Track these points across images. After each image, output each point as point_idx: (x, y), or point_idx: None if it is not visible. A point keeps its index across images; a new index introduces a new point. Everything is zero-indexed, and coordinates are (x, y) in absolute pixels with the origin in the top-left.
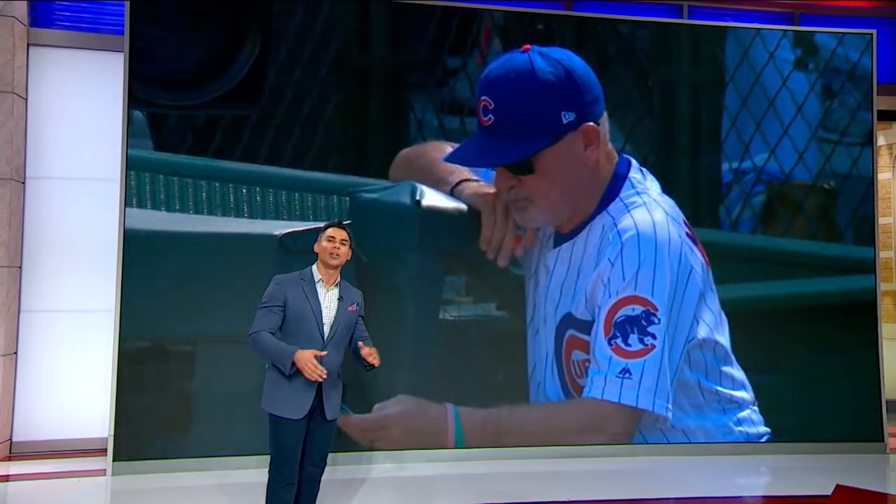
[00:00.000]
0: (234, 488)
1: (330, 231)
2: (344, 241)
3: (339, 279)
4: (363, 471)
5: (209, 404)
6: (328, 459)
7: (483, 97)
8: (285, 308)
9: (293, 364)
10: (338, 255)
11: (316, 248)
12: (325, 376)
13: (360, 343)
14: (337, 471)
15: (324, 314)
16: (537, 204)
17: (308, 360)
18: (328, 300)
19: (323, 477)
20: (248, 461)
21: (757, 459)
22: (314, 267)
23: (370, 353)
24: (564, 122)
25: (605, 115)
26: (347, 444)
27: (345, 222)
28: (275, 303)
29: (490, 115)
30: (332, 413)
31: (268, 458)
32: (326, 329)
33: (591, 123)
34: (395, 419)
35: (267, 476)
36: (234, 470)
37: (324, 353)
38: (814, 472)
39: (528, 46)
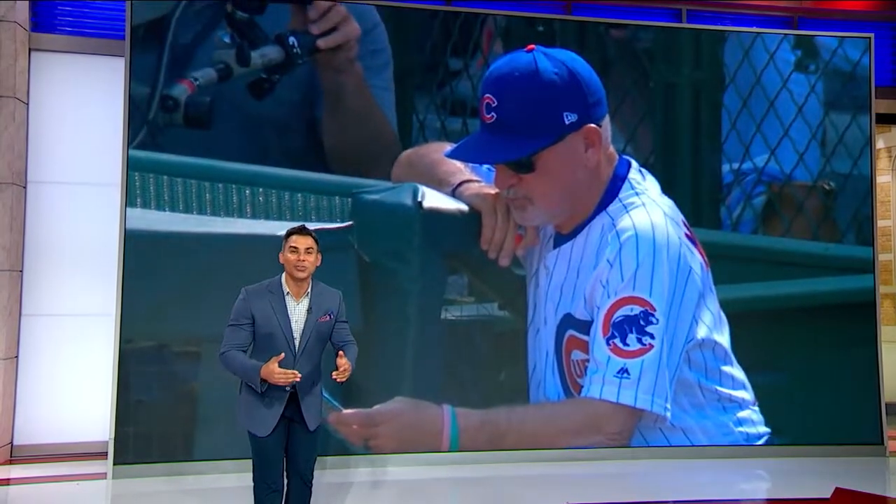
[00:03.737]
0: (234, 491)
1: (293, 240)
2: (310, 250)
3: (309, 288)
4: (355, 474)
5: (210, 408)
6: (316, 467)
7: (486, 94)
8: (254, 324)
9: (263, 380)
10: (304, 267)
11: (280, 258)
12: (298, 377)
13: (340, 351)
14: (329, 475)
15: (293, 327)
16: (536, 203)
17: (273, 372)
18: (297, 313)
19: (314, 482)
20: (249, 464)
21: (755, 462)
22: (283, 277)
23: (342, 366)
24: (566, 122)
25: (607, 117)
26: (339, 447)
27: (347, 223)
28: (242, 320)
29: (493, 113)
30: (313, 423)
31: None
32: (297, 343)
33: (593, 125)
34: (389, 416)
35: (252, 484)
36: (235, 473)
37: (281, 356)
38: (813, 475)
39: (532, 46)
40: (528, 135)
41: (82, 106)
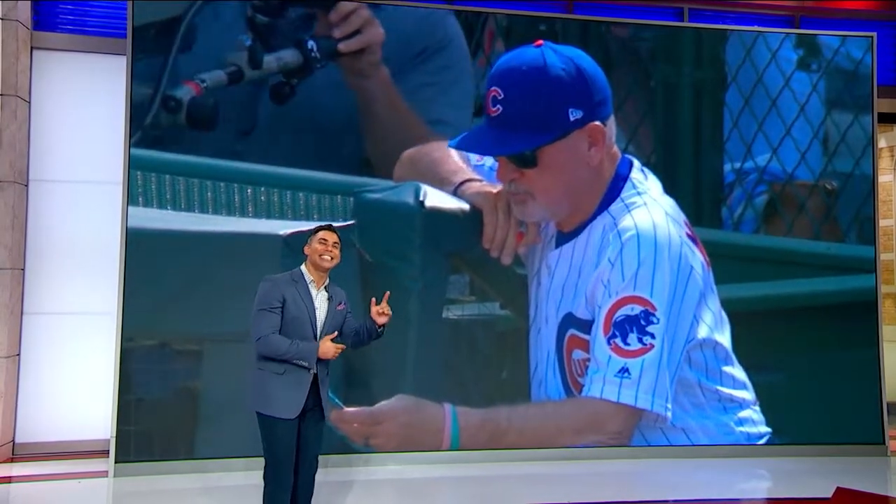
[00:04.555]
0: (236, 490)
1: (322, 234)
2: (336, 244)
3: (328, 280)
4: (356, 473)
5: (212, 406)
6: (320, 461)
7: (493, 87)
8: (283, 308)
9: (318, 359)
10: (332, 257)
11: (306, 250)
12: (344, 346)
13: (372, 299)
14: (330, 473)
15: (317, 315)
16: (538, 198)
17: (331, 347)
18: (320, 301)
19: (316, 478)
20: (252, 463)
21: (757, 461)
22: (304, 268)
23: (382, 310)
24: (571, 119)
25: (612, 117)
26: (342, 445)
27: (348, 222)
28: (274, 304)
29: (498, 106)
30: (328, 410)
31: None
32: (318, 330)
33: (597, 123)
34: (391, 414)
35: (262, 481)
36: (238, 472)
37: (335, 334)
38: (814, 475)
39: (541, 42)
40: (532, 129)
41: (84, 104)
